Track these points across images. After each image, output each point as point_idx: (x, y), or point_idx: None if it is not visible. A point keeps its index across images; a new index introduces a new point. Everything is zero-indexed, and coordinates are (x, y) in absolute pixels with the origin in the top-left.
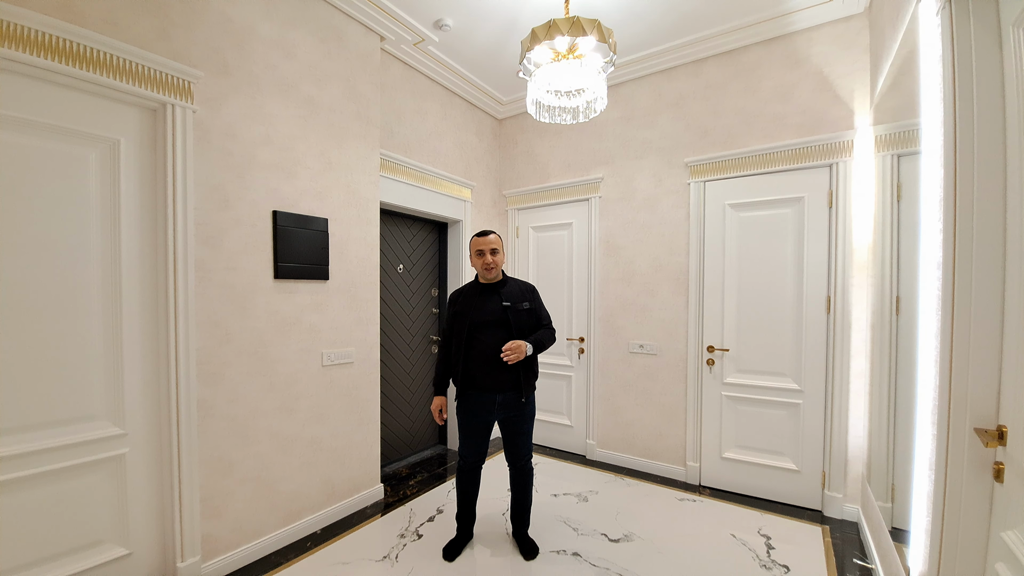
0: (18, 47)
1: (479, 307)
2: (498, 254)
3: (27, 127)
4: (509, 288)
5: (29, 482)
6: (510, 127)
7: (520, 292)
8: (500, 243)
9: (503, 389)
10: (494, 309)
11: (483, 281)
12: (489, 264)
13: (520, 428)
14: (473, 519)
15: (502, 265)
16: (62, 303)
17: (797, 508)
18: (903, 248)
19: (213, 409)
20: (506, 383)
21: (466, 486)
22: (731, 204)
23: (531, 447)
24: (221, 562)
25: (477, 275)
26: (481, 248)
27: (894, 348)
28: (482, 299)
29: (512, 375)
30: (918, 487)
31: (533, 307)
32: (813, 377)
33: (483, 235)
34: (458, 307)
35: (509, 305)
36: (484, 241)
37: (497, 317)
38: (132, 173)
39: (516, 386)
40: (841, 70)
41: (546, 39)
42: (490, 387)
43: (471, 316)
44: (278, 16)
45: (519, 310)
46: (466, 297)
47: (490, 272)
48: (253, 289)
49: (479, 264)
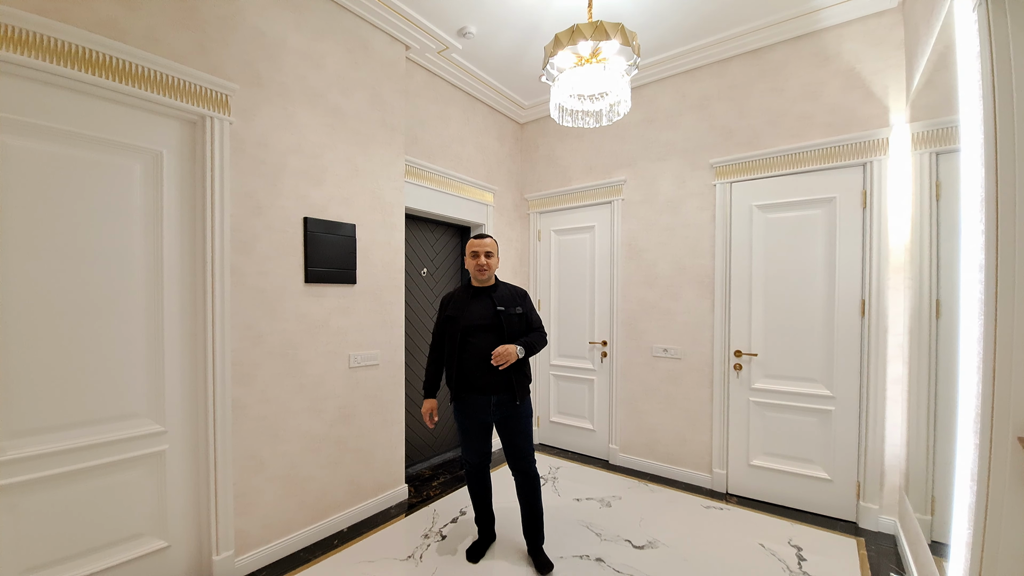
0: (66, 63)
1: (471, 311)
2: (492, 257)
3: (76, 139)
4: (501, 292)
5: (76, 476)
6: (531, 131)
7: (512, 297)
8: (496, 248)
9: (497, 390)
10: (486, 313)
11: (475, 284)
12: (483, 266)
13: (518, 427)
14: (492, 519)
15: (495, 269)
16: (108, 307)
17: (829, 519)
18: (943, 249)
19: (246, 408)
20: (499, 385)
21: (476, 488)
22: (758, 205)
23: (532, 449)
24: (253, 557)
25: (469, 278)
26: (476, 250)
27: (933, 353)
28: (474, 303)
29: (505, 377)
30: (959, 499)
31: (525, 312)
32: (846, 383)
33: (480, 238)
34: (450, 311)
35: (503, 309)
36: (480, 243)
37: (489, 321)
38: (173, 183)
39: (509, 388)
40: (873, 67)
41: (569, 44)
42: (484, 389)
43: (463, 320)
44: (307, 28)
45: (512, 314)
46: (458, 300)
47: (483, 274)
48: (283, 293)
49: (472, 265)
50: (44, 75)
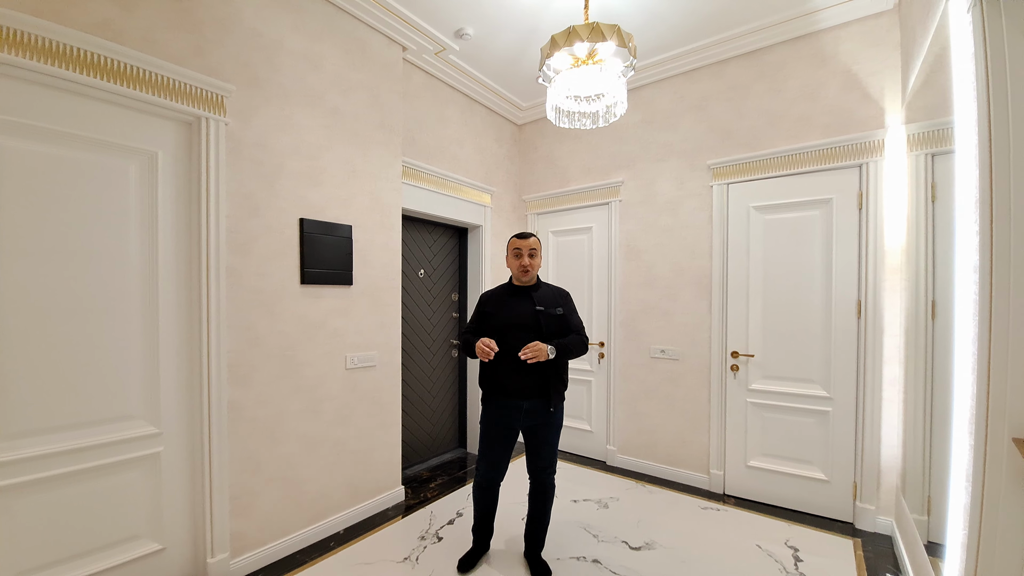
0: (61, 64)
1: (510, 309)
2: (536, 257)
3: (70, 140)
4: (542, 292)
5: (71, 479)
6: (529, 132)
7: (553, 297)
8: (539, 246)
9: (529, 395)
10: (525, 313)
11: (517, 283)
12: (526, 266)
13: (546, 438)
14: (490, 534)
15: (538, 269)
16: (103, 309)
17: (826, 520)
18: (938, 250)
19: (242, 410)
20: (533, 389)
21: (483, 503)
22: (756, 206)
23: (555, 460)
24: (249, 559)
25: (511, 277)
26: (519, 248)
27: (929, 354)
28: (514, 301)
29: (540, 381)
30: (954, 499)
31: (565, 313)
32: (843, 384)
33: (523, 236)
34: (489, 308)
35: (542, 309)
36: (524, 243)
37: (528, 321)
38: (169, 184)
39: (543, 392)
40: (870, 68)
41: (566, 45)
42: (516, 393)
43: (501, 318)
44: (305, 30)
45: (551, 315)
46: (497, 299)
47: (526, 275)
48: (281, 294)
49: (515, 265)
50: (39, 76)
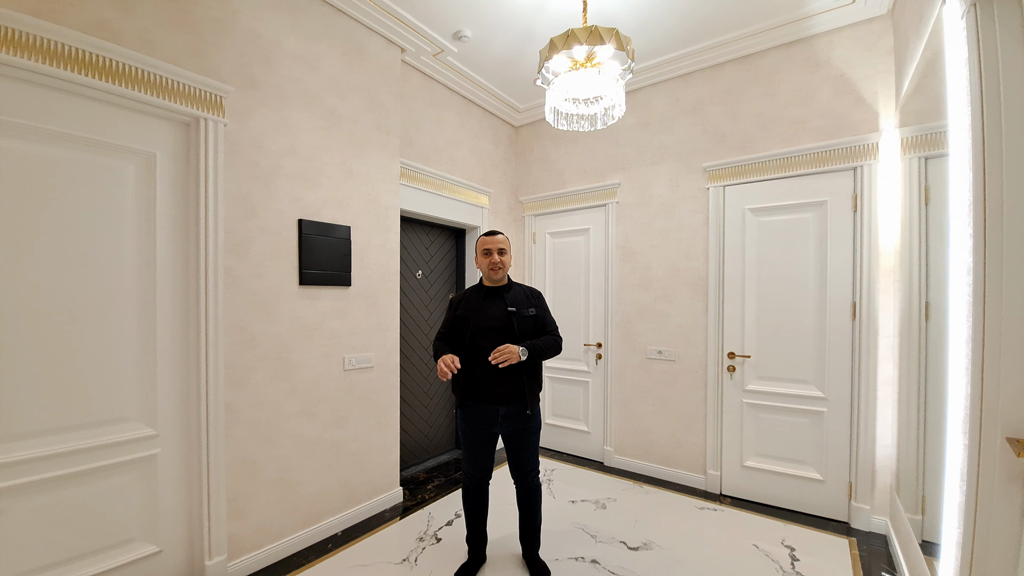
0: (59, 64)
1: (482, 312)
2: (505, 255)
3: (68, 141)
4: (514, 293)
5: (66, 481)
6: (526, 134)
7: (525, 297)
8: (508, 244)
9: (506, 400)
10: (497, 315)
11: (488, 283)
12: (496, 264)
13: (525, 442)
14: (485, 541)
15: (509, 268)
16: (100, 310)
17: (822, 519)
18: (932, 252)
19: (239, 412)
20: (509, 394)
21: (473, 506)
22: (751, 209)
23: (537, 463)
24: (245, 561)
25: (481, 278)
26: (488, 247)
27: (923, 355)
28: (485, 303)
29: (515, 385)
30: (948, 498)
31: (539, 313)
32: (838, 384)
33: (491, 234)
34: (460, 311)
35: (514, 311)
36: (492, 240)
37: (501, 323)
38: (166, 184)
39: (520, 396)
40: (864, 72)
41: (564, 48)
42: (493, 398)
43: (473, 321)
44: (303, 31)
45: (524, 316)
46: (468, 301)
47: (496, 273)
48: (278, 295)
49: (485, 264)
50: (36, 76)
